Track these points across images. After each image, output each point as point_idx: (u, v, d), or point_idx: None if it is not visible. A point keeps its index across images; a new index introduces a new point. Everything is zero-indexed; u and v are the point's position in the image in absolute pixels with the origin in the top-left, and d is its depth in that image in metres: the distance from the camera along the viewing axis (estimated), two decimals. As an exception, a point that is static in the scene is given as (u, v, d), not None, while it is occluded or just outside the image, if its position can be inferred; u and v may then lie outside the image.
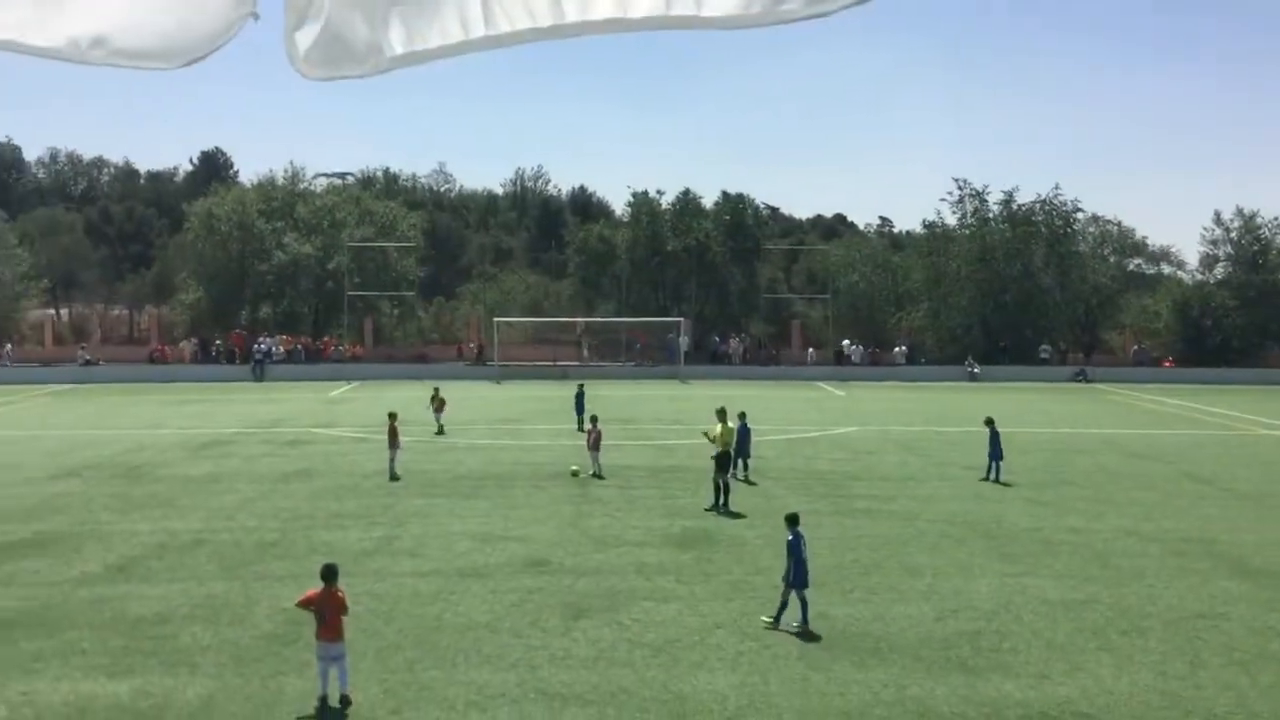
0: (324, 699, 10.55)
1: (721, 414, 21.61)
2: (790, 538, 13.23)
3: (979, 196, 62.13)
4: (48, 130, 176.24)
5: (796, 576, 13.04)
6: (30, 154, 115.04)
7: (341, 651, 10.69)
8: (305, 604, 10.85)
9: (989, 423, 24.29)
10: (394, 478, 23.50)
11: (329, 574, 10.93)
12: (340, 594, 10.89)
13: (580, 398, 32.60)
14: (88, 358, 55.46)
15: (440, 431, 31.07)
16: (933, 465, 26.04)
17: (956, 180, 63.69)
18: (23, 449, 28.49)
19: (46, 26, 2.67)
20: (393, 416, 24.95)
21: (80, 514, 19.98)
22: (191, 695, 10.90)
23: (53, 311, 77.42)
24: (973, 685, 11.28)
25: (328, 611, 10.65)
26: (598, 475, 23.73)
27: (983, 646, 12.51)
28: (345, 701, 10.54)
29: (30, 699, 10.78)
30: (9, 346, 56.93)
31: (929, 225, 64.49)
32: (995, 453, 23.79)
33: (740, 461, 23.43)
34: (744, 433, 23.55)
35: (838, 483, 23.45)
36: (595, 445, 24.38)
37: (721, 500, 20.41)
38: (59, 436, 31.31)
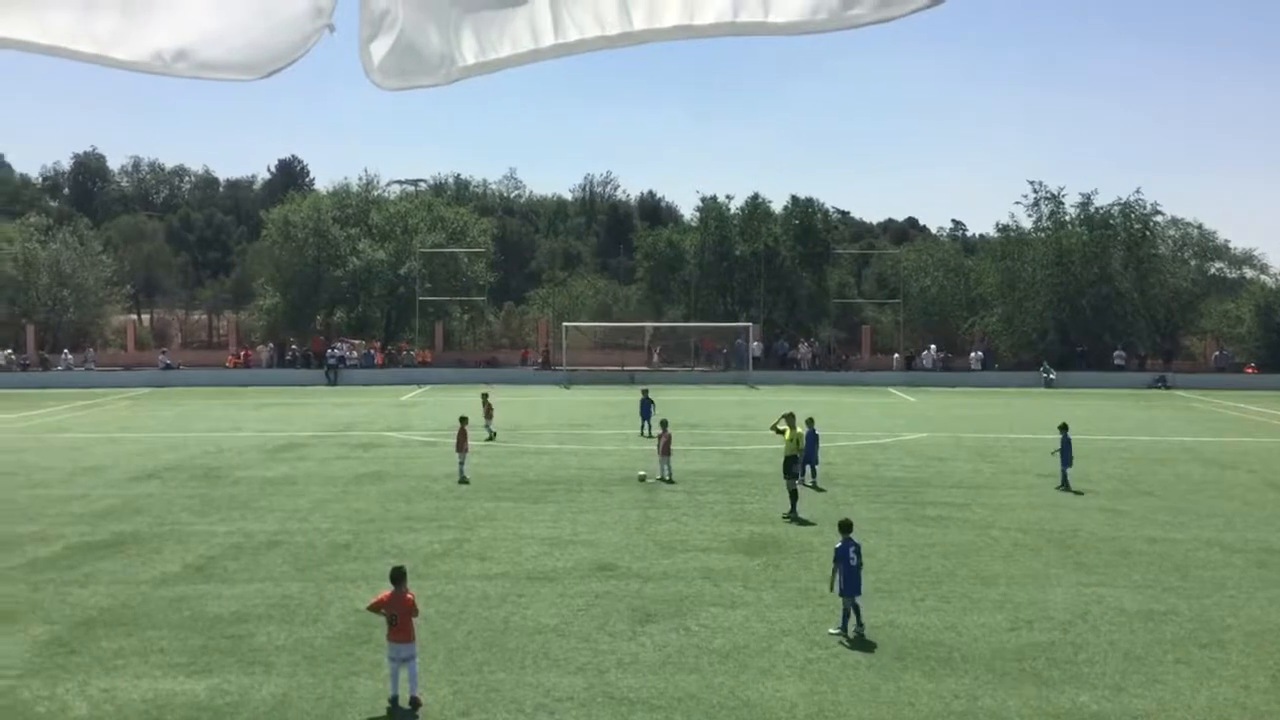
0: (394, 700, 10.69)
1: (790, 419, 21.50)
2: (839, 545, 13.18)
3: (1055, 199, 61.01)
4: (131, 139, 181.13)
5: (846, 584, 12.96)
6: (114, 163, 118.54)
7: (412, 653, 10.82)
8: (376, 607, 11.01)
9: (1063, 428, 23.85)
10: (463, 481, 23.75)
11: (398, 576, 11.08)
12: (410, 596, 11.03)
13: (646, 403, 32.64)
14: (168, 362, 56.90)
15: (491, 438, 31.21)
16: (1006, 473, 25.61)
17: (1032, 183, 62.71)
18: (104, 451, 29.31)
19: (133, 40, 2.76)
20: (463, 421, 25.24)
21: (160, 515, 20.49)
22: (266, 694, 11.12)
23: (135, 316, 79.57)
24: (1046, 697, 11.06)
25: (399, 613, 10.79)
26: (668, 480, 23.73)
27: (1057, 658, 12.26)
28: (415, 703, 10.67)
29: (111, 696, 11.07)
30: (91, 351, 58.63)
31: (1003, 229, 63.53)
32: (1066, 459, 23.36)
33: (808, 468, 23.29)
34: (812, 439, 23.42)
35: (909, 490, 23.18)
36: (665, 450, 24.39)
37: (793, 508, 20.27)
38: (139, 439, 32.16)
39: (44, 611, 14.02)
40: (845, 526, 13.50)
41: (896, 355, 58.70)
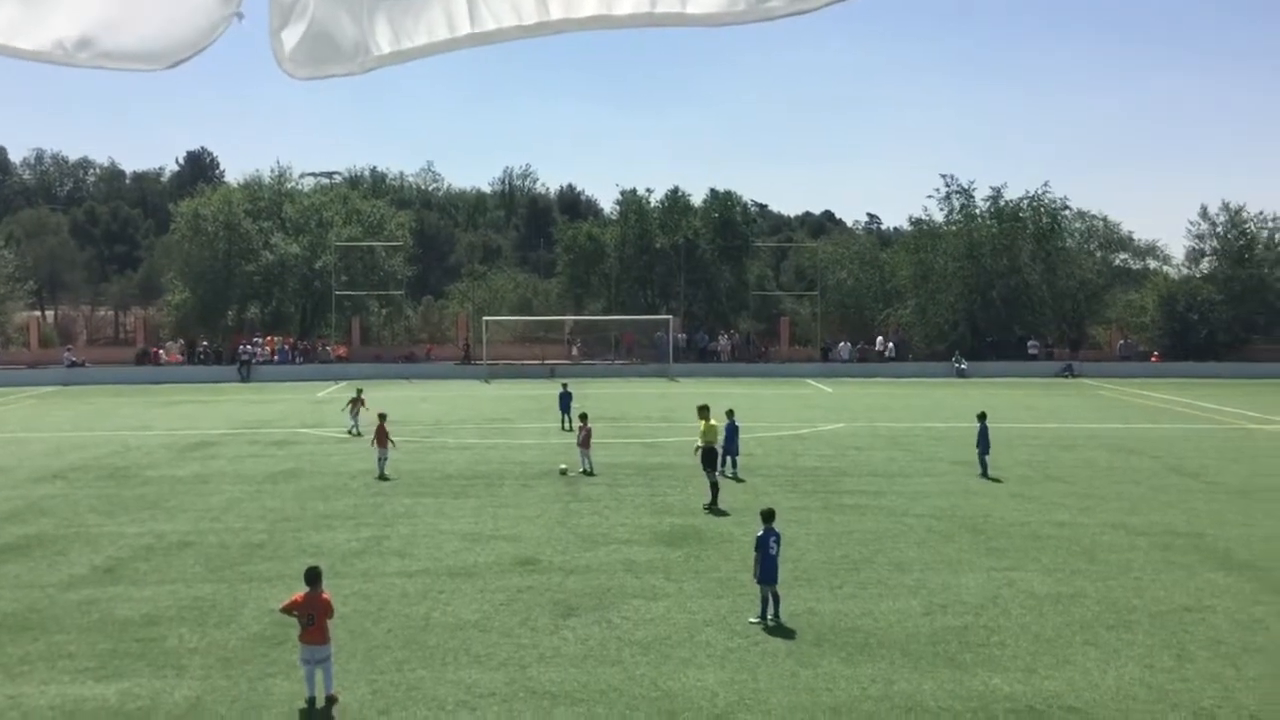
0: (311, 700, 10.53)
1: (703, 411, 21.69)
2: (760, 533, 13.36)
3: (966, 193, 62.32)
4: (33, 131, 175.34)
5: (764, 573, 13.14)
6: (15, 155, 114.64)
7: (328, 654, 10.66)
8: (290, 608, 10.78)
9: (981, 417, 24.37)
10: (383, 478, 23.46)
11: (313, 577, 10.87)
12: (326, 596, 10.86)
13: (565, 397, 32.59)
14: (73, 359, 55.20)
15: (355, 434, 30.66)
16: (920, 461, 26.11)
17: (944, 177, 63.98)
18: (7, 452, 28.35)
19: (33, 29, 2.66)
20: (382, 417, 24.92)
21: (66, 516, 19.89)
22: (179, 697, 10.87)
23: (38, 313, 77.03)
24: (960, 680, 11.32)
25: (315, 614, 10.61)
26: (588, 473, 23.74)
27: (970, 641, 12.55)
28: (331, 701, 10.52)
29: (18, 703, 10.73)
30: None
31: (916, 222, 64.74)
32: (984, 447, 23.90)
33: (728, 459, 23.49)
34: (732, 430, 23.60)
35: (826, 479, 23.51)
36: (585, 443, 24.38)
37: (714, 499, 20.42)
38: (44, 439, 31.16)
39: (-57, 619, 13.53)
40: (767, 515, 13.65)
41: (816, 347, 59.48)
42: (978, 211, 62.23)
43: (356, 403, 32.01)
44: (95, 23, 2.66)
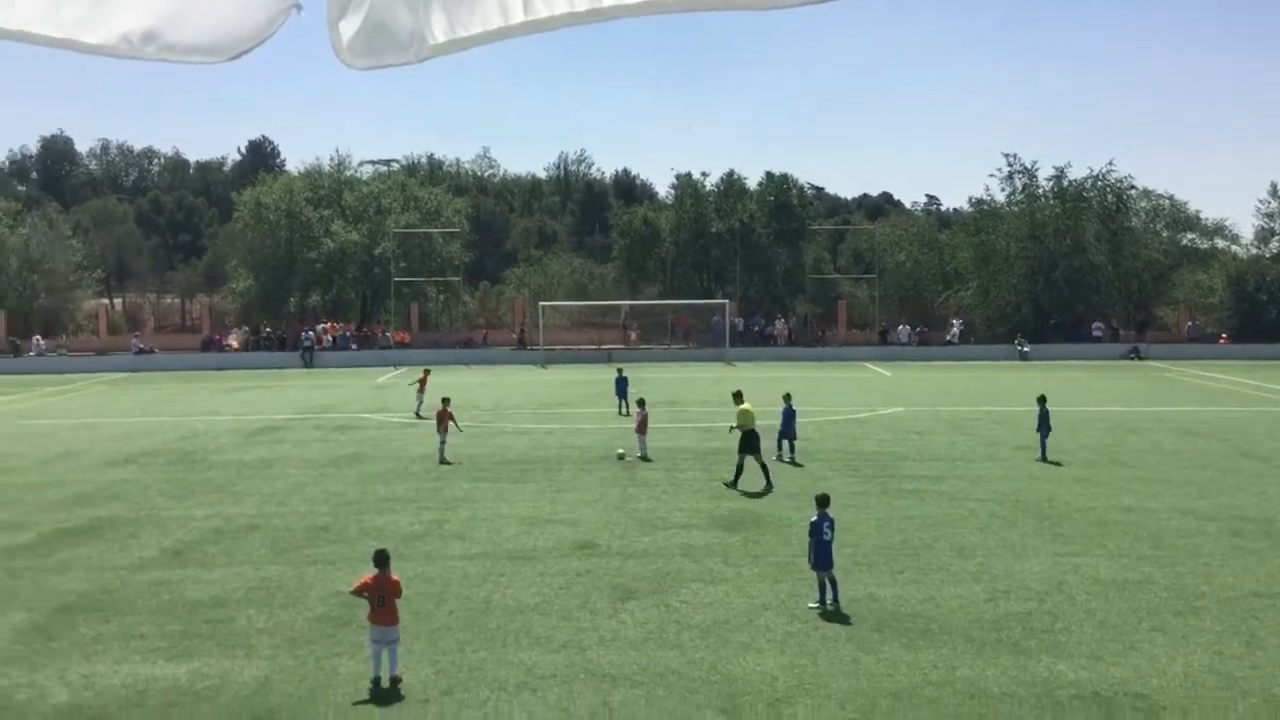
0: (377, 680, 10.71)
1: (738, 396, 21.90)
2: (814, 518, 13.30)
3: (1028, 172, 61.25)
4: (99, 122, 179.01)
5: (818, 558, 13.09)
6: (82, 146, 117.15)
7: (396, 635, 10.83)
8: (360, 590, 10.98)
9: (1040, 400, 24.04)
10: (443, 462, 23.71)
11: (382, 559, 11.06)
12: (396, 578, 11.03)
13: (621, 382, 32.64)
14: (141, 346, 56.43)
15: (420, 415, 31.23)
16: (982, 445, 25.81)
17: (1005, 156, 63.01)
18: (79, 437, 29.10)
19: (100, 24, 2.73)
20: (445, 402, 25.18)
21: (137, 500, 20.38)
22: (248, 677, 11.10)
23: (106, 301, 78.84)
24: (1024, 666, 11.19)
25: (385, 595, 10.78)
26: (645, 458, 23.78)
27: (1035, 627, 12.40)
28: (395, 682, 10.69)
29: (92, 682, 11.03)
30: (37, 339, 57.05)
31: (977, 202, 63.81)
32: (1045, 430, 23.56)
33: (785, 443, 23.42)
34: (789, 414, 23.54)
35: (886, 464, 23.33)
36: (642, 428, 24.42)
37: (735, 479, 20.56)
38: (114, 424, 31.93)
39: (22, 599, 13.93)
40: (822, 501, 13.57)
41: (875, 330, 58.99)
42: (1040, 191, 61.18)
43: (424, 382, 32.60)
44: (160, 17, 2.72)
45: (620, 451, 24.14)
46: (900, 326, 58.45)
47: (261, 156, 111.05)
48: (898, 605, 13.26)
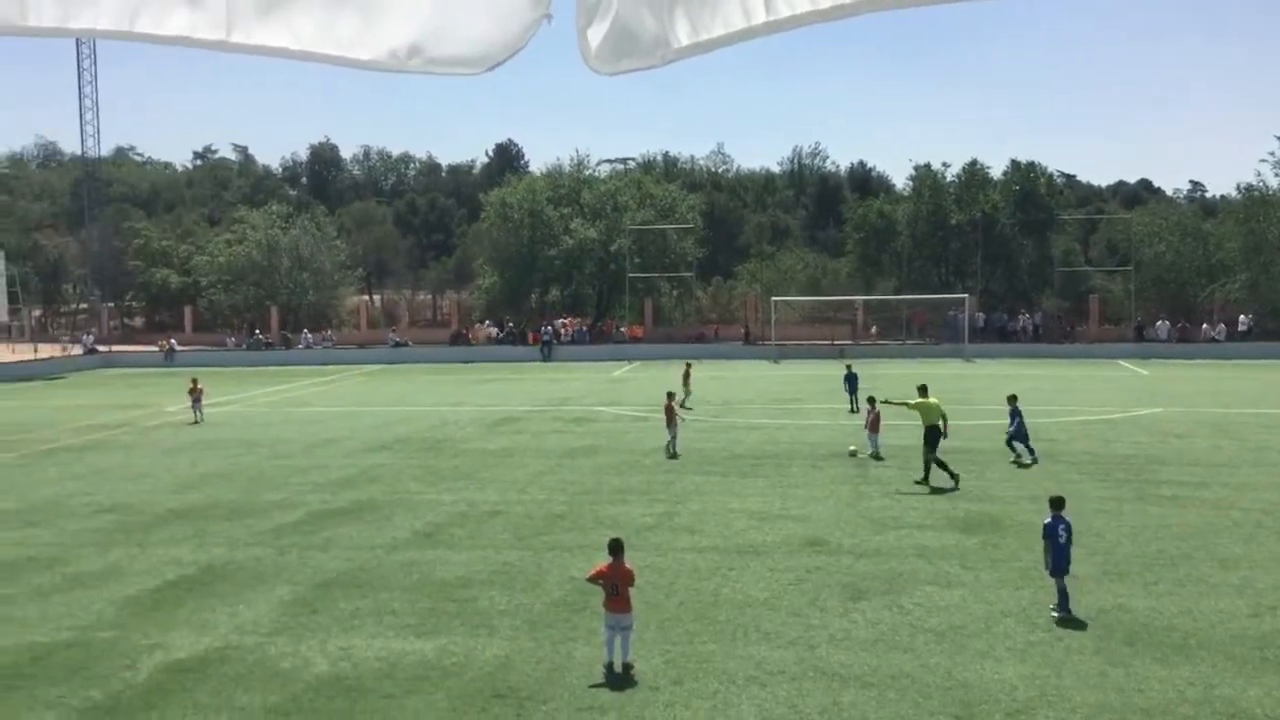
0: (609, 665, 11.00)
1: (922, 390, 21.47)
2: (1048, 520, 12.73)
3: (1305, 155, 56.17)
4: (361, 129, 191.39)
5: (1054, 563, 12.53)
6: (346, 152, 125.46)
7: (630, 623, 11.10)
8: (596, 578, 11.32)
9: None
10: (672, 456, 24.04)
11: (615, 548, 11.37)
12: (630, 567, 11.33)
13: (850, 379, 32.07)
14: (397, 340, 60.07)
15: (687, 407, 31.48)
16: (1249, 450, 23.86)
17: (1279, 139, 57.95)
18: (343, 424, 31.29)
19: (371, 40, 2.95)
20: (671, 396, 25.56)
21: (392, 484, 21.72)
22: (490, 655, 11.64)
23: (367, 297, 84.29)
24: (1296, 692, 10.30)
25: (619, 583, 11.09)
26: (876, 456, 23.34)
27: (1308, 650, 11.39)
28: (628, 668, 10.95)
29: (348, 653, 11.84)
30: (305, 333, 61.94)
31: (1247, 189, 58.97)
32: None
33: (1022, 445, 22.47)
34: (1015, 415, 22.55)
35: (1140, 468, 21.95)
36: (874, 426, 23.96)
37: (925, 475, 20.29)
38: (373, 413, 34.15)
39: (288, 574, 15.12)
40: (1057, 503, 12.92)
41: (1130, 326, 55.56)
42: (1320, 176, 56.02)
43: (688, 375, 33.85)
44: (424, 33, 2.92)
45: (852, 448, 23.80)
46: (1159, 322, 54.79)
47: (507, 159, 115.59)
48: (1151, 618, 12.46)
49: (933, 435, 20.40)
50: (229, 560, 15.86)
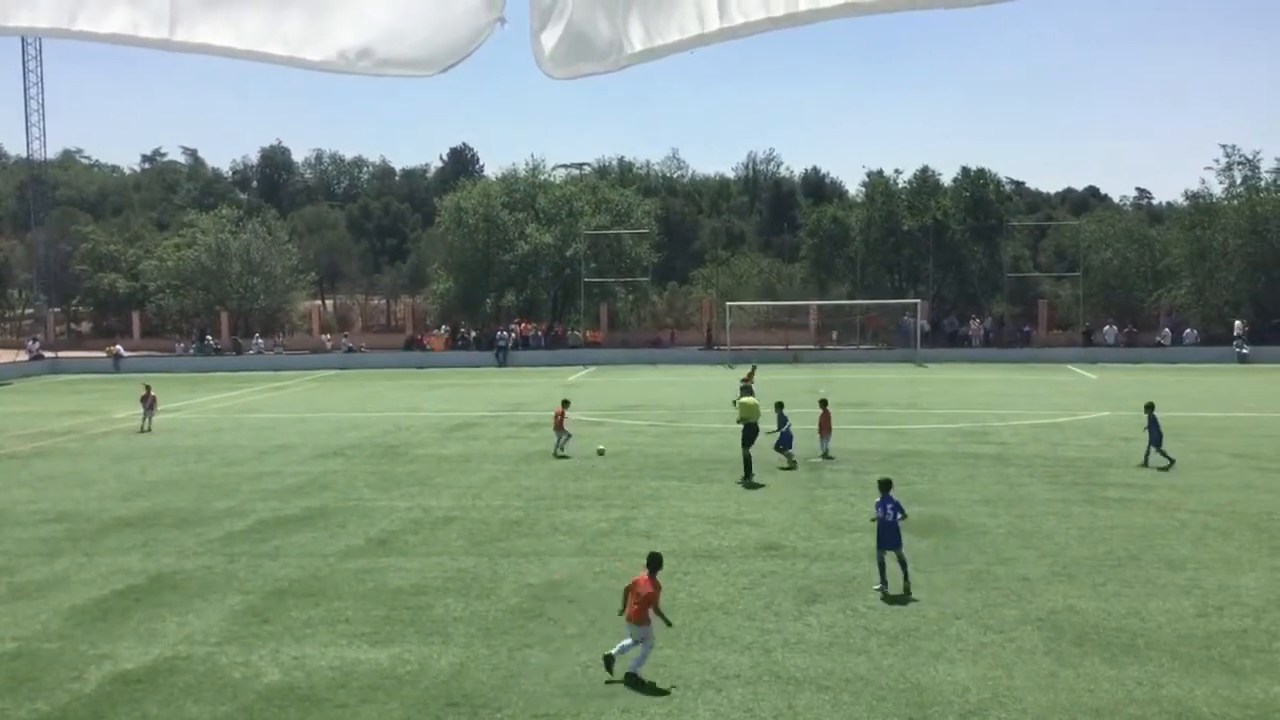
0: (609, 659, 10.95)
1: (745, 389, 23.80)
2: (877, 500, 14.17)
3: (1249, 164, 57.34)
4: (313, 133, 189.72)
5: (879, 538, 13.91)
6: (298, 156, 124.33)
7: (644, 635, 10.96)
8: (632, 590, 11.24)
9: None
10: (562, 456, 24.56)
11: (654, 562, 11.49)
12: (647, 582, 11.21)
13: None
14: (350, 345, 59.52)
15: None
16: (1195, 453, 24.29)
17: (1224, 147, 59.13)
18: (294, 430, 30.95)
19: (320, 41, 2.92)
20: (565, 404, 26.28)
21: (344, 491, 21.52)
22: (445, 664, 11.57)
23: (319, 302, 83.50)
24: (1237, 686, 10.50)
25: (642, 596, 11.06)
26: (827, 456, 23.56)
27: (1250, 646, 11.61)
28: (630, 676, 10.82)
29: (301, 663, 11.71)
30: (257, 338, 61.03)
31: (1192, 196, 60.08)
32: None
33: (1157, 450, 22.36)
34: (1153, 424, 22.45)
35: (1089, 470, 22.28)
36: (824, 428, 24.20)
37: (746, 473, 21.55)
38: (325, 418, 33.81)
39: (239, 582, 14.93)
40: (884, 485, 14.33)
41: (1078, 330, 56.37)
42: (1263, 184, 57.17)
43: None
44: (375, 34, 2.89)
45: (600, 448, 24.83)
46: (1106, 327, 55.68)
47: (462, 163, 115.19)
48: (1100, 619, 12.65)
49: (750, 432, 21.74)
50: (178, 569, 15.62)
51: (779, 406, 23.66)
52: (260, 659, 11.80)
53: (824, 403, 25.03)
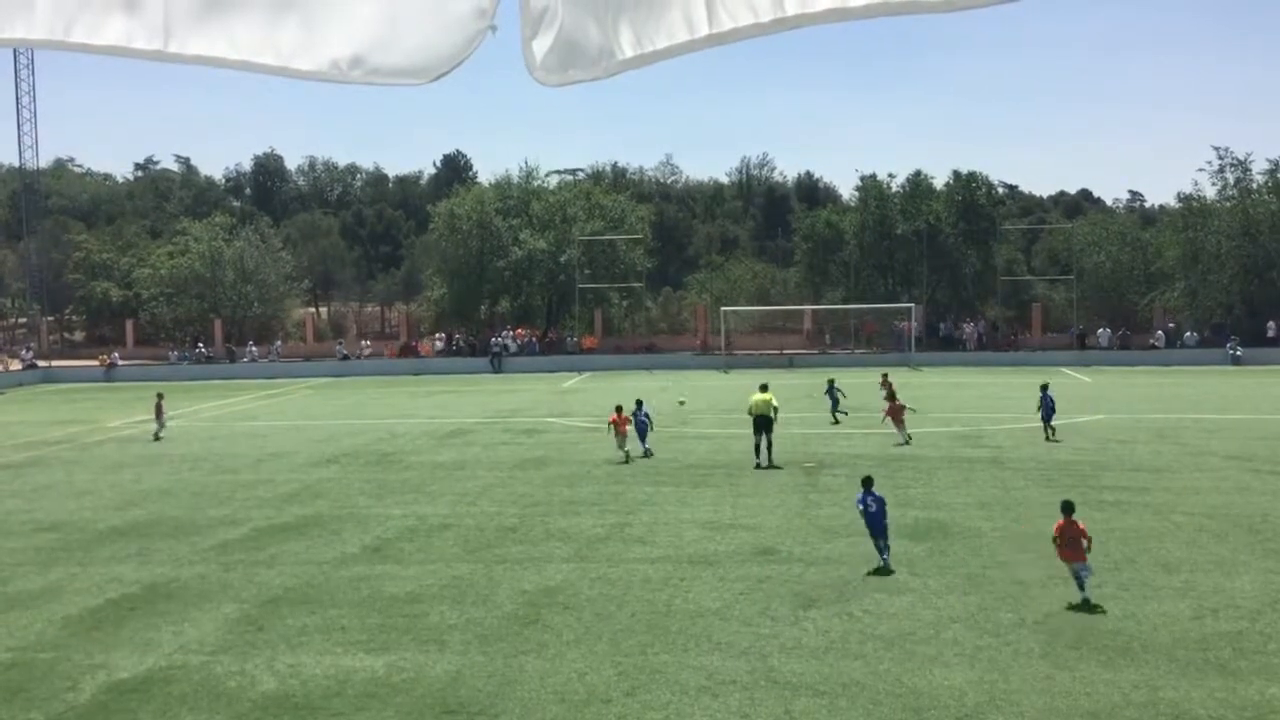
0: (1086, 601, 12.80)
1: (763, 388, 24.08)
2: (858, 495, 15.15)
3: (1241, 166, 57.55)
4: (307, 140, 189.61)
5: (869, 528, 14.93)
6: (291, 163, 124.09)
7: (1078, 568, 13.12)
8: (1056, 533, 13.44)
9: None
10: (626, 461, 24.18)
11: (1067, 508, 13.48)
12: (1080, 525, 13.21)
13: (831, 391, 31.67)
14: (344, 353, 59.45)
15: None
16: (1190, 455, 24.35)
17: (1216, 149, 59.32)
18: (288, 438, 30.90)
19: (312, 51, 2.93)
20: (619, 410, 25.68)
21: (339, 498, 21.49)
22: (440, 671, 11.55)
23: (313, 309, 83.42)
24: (1233, 689, 10.50)
25: (1073, 537, 13.11)
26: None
27: (1245, 648, 11.62)
28: (1087, 603, 12.89)
29: (297, 671, 11.67)
30: (250, 346, 60.79)
31: (1185, 198, 60.29)
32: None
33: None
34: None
35: (1084, 473, 22.30)
36: (896, 417, 26.40)
37: (762, 460, 23.23)
38: (320, 426, 33.76)
39: (234, 591, 14.89)
40: (866, 482, 15.26)
41: (1072, 334, 56.50)
42: (1255, 186, 57.39)
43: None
44: (367, 43, 2.90)
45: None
46: (1100, 330, 55.81)
47: (455, 170, 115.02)
48: (1096, 621, 12.66)
49: (761, 423, 23.24)
50: (173, 578, 15.58)
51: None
52: (255, 667, 11.77)
53: (892, 396, 27.08)
